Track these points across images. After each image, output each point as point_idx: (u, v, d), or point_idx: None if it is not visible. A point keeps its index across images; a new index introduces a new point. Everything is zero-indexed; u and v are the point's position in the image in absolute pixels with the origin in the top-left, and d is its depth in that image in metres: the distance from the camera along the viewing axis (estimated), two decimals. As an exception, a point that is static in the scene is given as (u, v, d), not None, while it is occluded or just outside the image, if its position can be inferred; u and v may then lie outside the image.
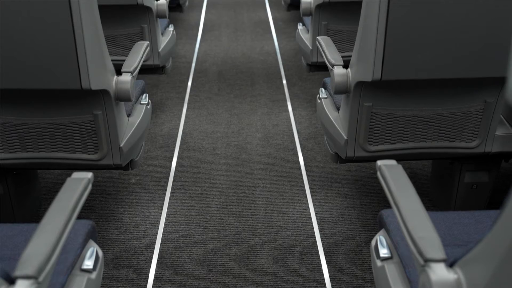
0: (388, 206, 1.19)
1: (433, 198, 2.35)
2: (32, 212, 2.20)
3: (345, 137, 1.90)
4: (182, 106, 3.30)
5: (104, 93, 1.75)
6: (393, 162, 1.26)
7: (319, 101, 2.17)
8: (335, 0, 2.76)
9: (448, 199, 2.18)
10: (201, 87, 3.59)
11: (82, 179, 1.22)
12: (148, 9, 2.75)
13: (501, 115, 1.98)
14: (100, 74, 1.71)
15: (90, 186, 1.24)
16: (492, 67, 1.69)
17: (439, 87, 1.79)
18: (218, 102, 3.36)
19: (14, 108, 1.79)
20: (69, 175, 1.26)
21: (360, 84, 1.76)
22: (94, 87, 1.68)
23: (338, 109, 2.05)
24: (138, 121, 2.02)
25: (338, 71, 1.84)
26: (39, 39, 1.59)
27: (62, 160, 1.89)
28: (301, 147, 2.84)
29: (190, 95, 3.46)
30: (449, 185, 2.16)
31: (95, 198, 2.41)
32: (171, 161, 2.71)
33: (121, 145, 1.89)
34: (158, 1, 2.86)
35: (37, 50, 1.61)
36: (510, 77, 0.73)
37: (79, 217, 1.19)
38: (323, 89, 2.21)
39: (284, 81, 3.67)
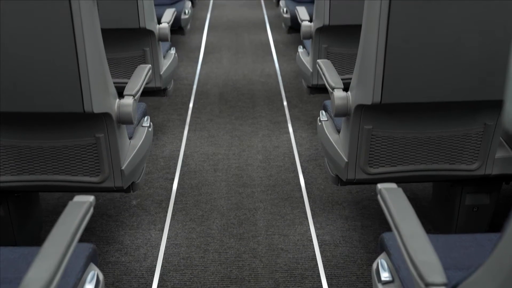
0: (390, 228, 1.19)
1: (434, 221, 2.35)
2: (33, 234, 2.19)
3: (346, 160, 1.91)
4: (184, 128, 3.32)
5: (106, 116, 1.77)
6: (393, 185, 1.27)
7: (319, 123, 2.18)
8: (335, 23, 2.80)
9: (449, 221, 2.18)
10: (202, 109, 3.61)
11: (83, 202, 1.23)
12: (151, 32, 2.79)
13: (500, 138, 1.99)
14: (102, 98, 1.72)
15: (91, 210, 1.24)
16: (491, 90, 1.71)
17: (438, 110, 1.80)
18: (219, 124, 3.38)
19: (16, 131, 1.80)
20: (71, 197, 1.27)
21: (360, 107, 1.78)
22: (96, 110, 1.69)
23: (338, 131, 2.06)
24: (139, 143, 2.03)
25: (338, 94, 1.85)
26: (42, 63, 1.61)
27: (63, 182, 1.89)
28: (302, 169, 2.85)
29: (191, 117, 3.48)
30: (450, 207, 2.16)
31: (96, 220, 2.41)
32: (172, 183, 2.72)
33: (123, 168, 1.89)
34: (160, 25, 2.89)
35: (40, 73, 1.63)
36: (507, 101, 0.74)
37: (80, 239, 1.19)
38: (323, 112, 2.22)
39: (285, 103, 3.70)
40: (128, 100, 1.84)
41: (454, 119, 1.83)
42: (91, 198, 1.25)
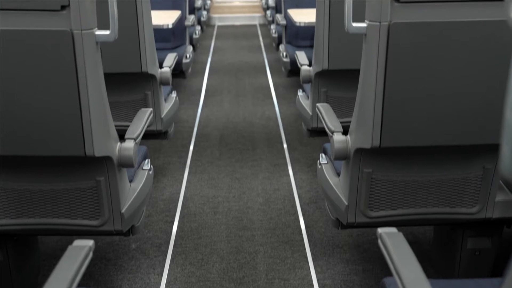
0: (391, 273, 1.18)
1: (436, 264, 2.32)
2: (31, 279, 2.17)
3: (346, 203, 1.91)
4: (184, 171, 3.33)
5: (107, 159, 1.78)
6: (393, 230, 1.27)
7: (319, 166, 2.19)
8: (334, 68, 2.84)
9: (451, 265, 2.16)
10: (202, 151, 3.62)
11: (83, 247, 1.22)
12: (152, 76, 2.83)
13: (500, 181, 1.99)
14: (104, 141, 1.74)
15: (91, 254, 1.23)
16: (489, 134, 1.73)
17: (437, 153, 1.81)
18: (219, 167, 3.39)
19: (16, 174, 1.81)
20: (69, 240, 1.26)
21: (360, 151, 1.79)
22: (97, 153, 1.71)
23: (338, 174, 2.06)
24: (140, 187, 2.03)
25: (338, 137, 1.87)
26: (44, 106, 1.63)
27: (62, 226, 1.88)
28: (302, 211, 2.84)
29: (191, 160, 3.49)
30: (452, 251, 2.14)
31: (95, 264, 2.39)
32: (172, 226, 2.70)
33: (123, 211, 1.89)
34: (162, 69, 2.94)
35: (42, 116, 1.65)
36: (503, 147, 0.74)
37: (79, 284, 1.18)
38: (323, 155, 2.23)
39: (285, 145, 3.71)
40: (129, 144, 1.85)
41: (453, 163, 1.84)
42: (90, 242, 1.24)
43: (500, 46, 1.61)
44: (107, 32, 1.64)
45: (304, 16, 3.66)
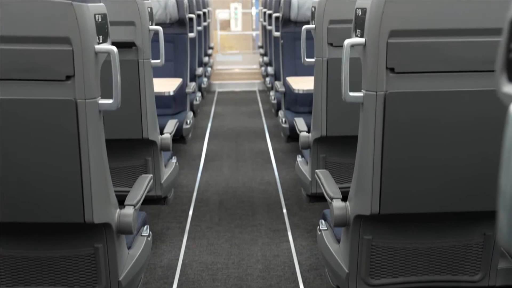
0: None
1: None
2: None
3: (346, 271, 1.88)
4: (183, 236, 3.30)
5: (106, 226, 1.77)
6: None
7: (319, 232, 2.18)
8: (332, 134, 2.88)
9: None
10: (202, 216, 3.61)
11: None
12: (153, 143, 2.86)
13: (502, 248, 1.98)
14: (103, 208, 1.74)
15: None
16: (489, 201, 1.73)
17: (438, 220, 1.81)
18: (218, 232, 3.36)
19: (14, 241, 1.80)
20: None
21: (359, 217, 1.79)
22: (97, 220, 1.70)
23: (338, 241, 2.05)
24: (138, 254, 2.01)
25: (337, 204, 1.87)
26: (46, 174, 1.65)
27: (59, 294, 1.85)
28: (302, 279, 2.79)
29: (190, 225, 3.46)
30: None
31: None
32: (169, 294, 2.65)
33: (120, 279, 1.86)
34: (163, 135, 2.98)
35: (42, 183, 1.66)
36: (500, 214, 0.75)
37: None
38: (323, 221, 2.23)
39: (285, 211, 3.70)
40: (128, 210, 1.85)
41: (454, 230, 1.83)
42: None
43: (495, 114, 1.65)
44: (110, 101, 1.67)
45: (302, 83, 3.74)
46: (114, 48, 1.66)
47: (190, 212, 3.67)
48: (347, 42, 1.68)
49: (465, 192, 1.71)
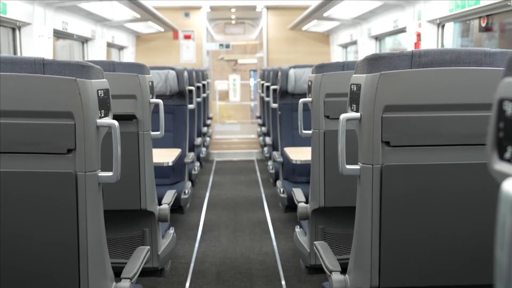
0: None
1: None
2: None
3: None
4: (179, 310, 3.22)
5: (101, 300, 1.74)
6: None
7: (319, 307, 2.13)
8: (330, 205, 2.88)
9: None
10: (199, 289, 3.53)
11: None
12: (151, 213, 2.85)
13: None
14: (99, 281, 1.71)
15: None
16: (488, 273, 1.71)
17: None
18: (216, 306, 3.28)
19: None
20: None
21: (359, 291, 1.76)
22: (92, 294, 1.68)
23: (338, 315, 2.01)
24: (133, 329, 1.96)
25: (336, 277, 1.85)
26: (42, 246, 1.63)
27: None
28: None
29: (187, 298, 3.39)
30: None
31: None
32: None
33: None
34: (161, 206, 2.97)
35: (39, 255, 1.64)
36: (497, 287, 0.75)
37: None
38: (322, 295, 2.19)
39: (283, 282, 3.63)
40: (124, 284, 1.83)
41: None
42: None
43: (491, 186, 1.66)
44: (110, 173, 1.69)
45: (300, 154, 3.78)
46: (116, 123, 1.69)
47: (187, 284, 3.60)
48: (343, 117, 1.72)
49: (465, 265, 1.70)
